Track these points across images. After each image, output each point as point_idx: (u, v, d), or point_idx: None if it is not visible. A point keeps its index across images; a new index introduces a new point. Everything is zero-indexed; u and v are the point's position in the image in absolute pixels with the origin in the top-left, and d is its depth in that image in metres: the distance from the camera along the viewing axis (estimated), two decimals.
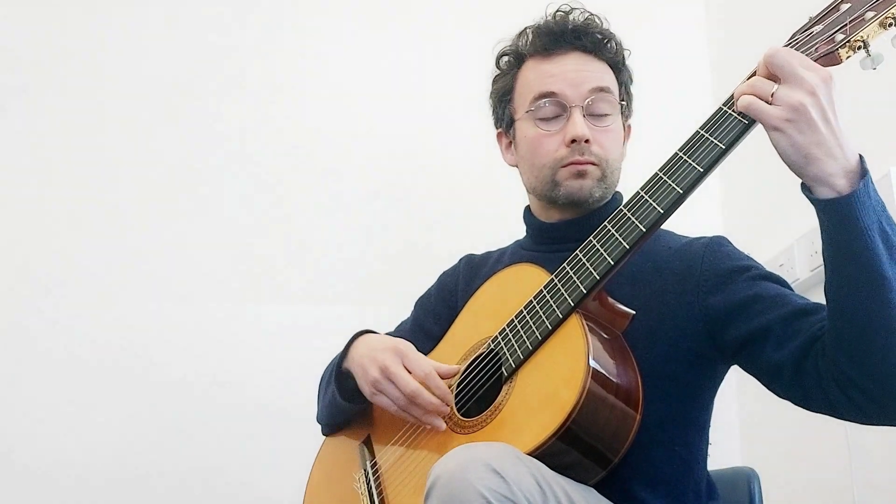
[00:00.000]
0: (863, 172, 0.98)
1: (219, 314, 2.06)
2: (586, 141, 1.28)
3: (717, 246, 1.25)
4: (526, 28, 1.39)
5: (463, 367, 1.25)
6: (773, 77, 0.99)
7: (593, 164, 1.29)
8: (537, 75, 1.34)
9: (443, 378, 1.22)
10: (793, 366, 1.08)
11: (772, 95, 0.97)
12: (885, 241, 0.97)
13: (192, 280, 2.08)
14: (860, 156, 0.99)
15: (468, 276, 1.47)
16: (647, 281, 1.24)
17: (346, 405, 1.36)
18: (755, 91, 0.99)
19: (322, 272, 2.13)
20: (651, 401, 1.09)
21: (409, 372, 1.20)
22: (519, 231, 1.46)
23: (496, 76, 1.43)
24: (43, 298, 2.00)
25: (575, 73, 1.31)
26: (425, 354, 1.37)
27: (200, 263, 2.09)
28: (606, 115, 1.32)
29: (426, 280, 1.54)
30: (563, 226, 1.35)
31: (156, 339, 2.02)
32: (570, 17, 1.36)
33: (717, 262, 1.22)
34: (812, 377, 1.06)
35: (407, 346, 1.25)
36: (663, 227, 1.20)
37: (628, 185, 1.27)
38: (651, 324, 1.19)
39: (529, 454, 1.03)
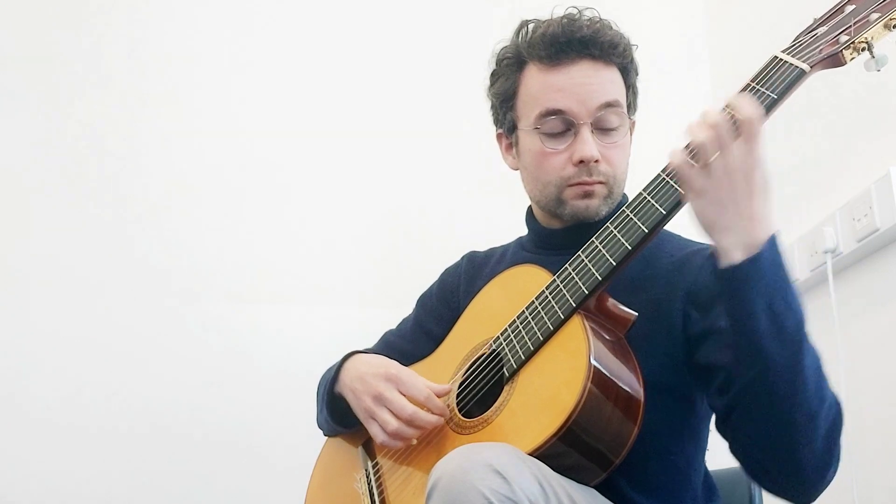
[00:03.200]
0: (760, 251, 0.99)
1: (219, 314, 2.06)
2: (595, 161, 1.24)
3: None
4: (527, 23, 1.33)
5: (462, 372, 1.25)
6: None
7: (601, 182, 1.26)
8: (543, 88, 1.27)
9: (437, 396, 1.21)
10: (723, 414, 1.10)
11: (706, 163, 1.00)
12: (772, 320, 0.99)
13: (193, 280, 2.08)
14: (773, 236, 1.01)
15: (470, 274, 1.45)
16: (646, 288, 1.23)
17: (341, 430, 1.37)
18: (702, 150, 1.00)
19: (323, 273, 2.13)
20: (646, 410, 1.09)
21: (406, 396, 1.20)
22: (521, 229, 1.45)
23: (495, 73, 1.37)
24: (38, 298, 2.00)
25: (582, 87, 1.25)
26: (427, 355, 1.38)
27: (201, 263, 2.09)
28: (615, 129, 1.27)
29: (428, 280, 1.54)
30: (565, 233, 1.32)
31: (154, 339, 2.02)
32: (578, 23, 1.27)
33: (712, 279, 1.20)
34: (730, 431, 1.08)
35: (399, 371, 1.24)
36: (671, 231, 1.20)
37: (630, 185, 1.26)
38: (646, 332, 1.18)
39: (530, 455, 1.02)
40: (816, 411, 1.00)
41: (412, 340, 1.45)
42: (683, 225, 1.28)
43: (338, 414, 1.35)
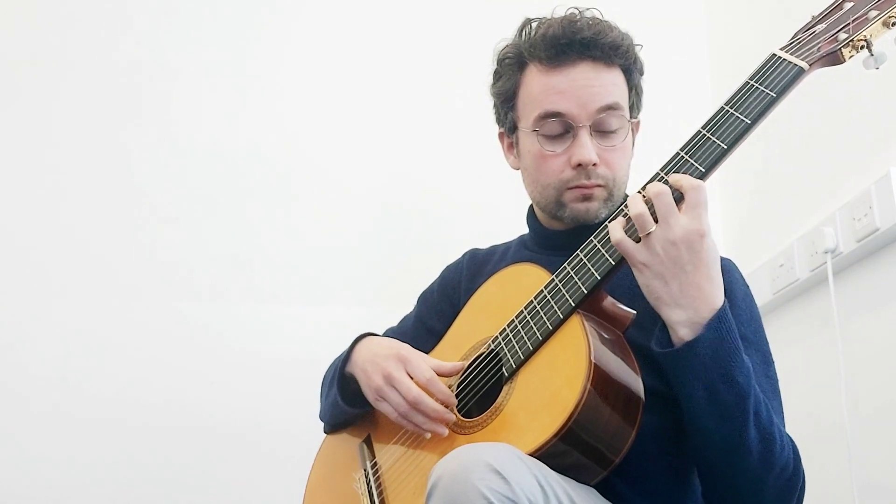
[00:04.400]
0: (699, 335, 1.02)
1: (221, 313, 2.06)
2: (593, 164, 1.24)
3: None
4: (530, 22, 1.32)
5: (464, 366, 1.24)
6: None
7: (600, 185, 1.26)
8: (542, 90, 1.27)
9: (446, 375, 1.21)
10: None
11: (647, 234, 1.03)
12: (711, 399, 1.03)
13: (194, 279, 2.08)
14: (719, 310, 1.02)
15: (472, 271, 1.45)
16: (644, 296, 1.22)
17: (349, 410, 1.35)
18: (639, 221, 1.03)
19: (325, 272, 2.13)
20: (645, 412, 1.08)
21: (412, 377, 1.19)
22: (522, 227, 1.45)
23: (497, 72, 1.37)
24: (44, 296, 2.00)
25: (583, 89, 1.24)
26: (427, 352, 1.36)
27: (203, 262, 2.09)
28: (614, 131, 1.26)
29: (430, 279, 1.53)
30: (566, 234, 1.32)
31: (155, 339, 2.02)
32: (579, 24, 1.26)
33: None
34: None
35: (409, 352, 1.23)
36: None
37: (632, 186, 1.26)
38: (644, 338, 1.16)
39: (530, 455, 1.02)
40: (763, 477, 1.05)
41: (413, 337, 1.45)
42: None
43: (348, 395, 1.35)
